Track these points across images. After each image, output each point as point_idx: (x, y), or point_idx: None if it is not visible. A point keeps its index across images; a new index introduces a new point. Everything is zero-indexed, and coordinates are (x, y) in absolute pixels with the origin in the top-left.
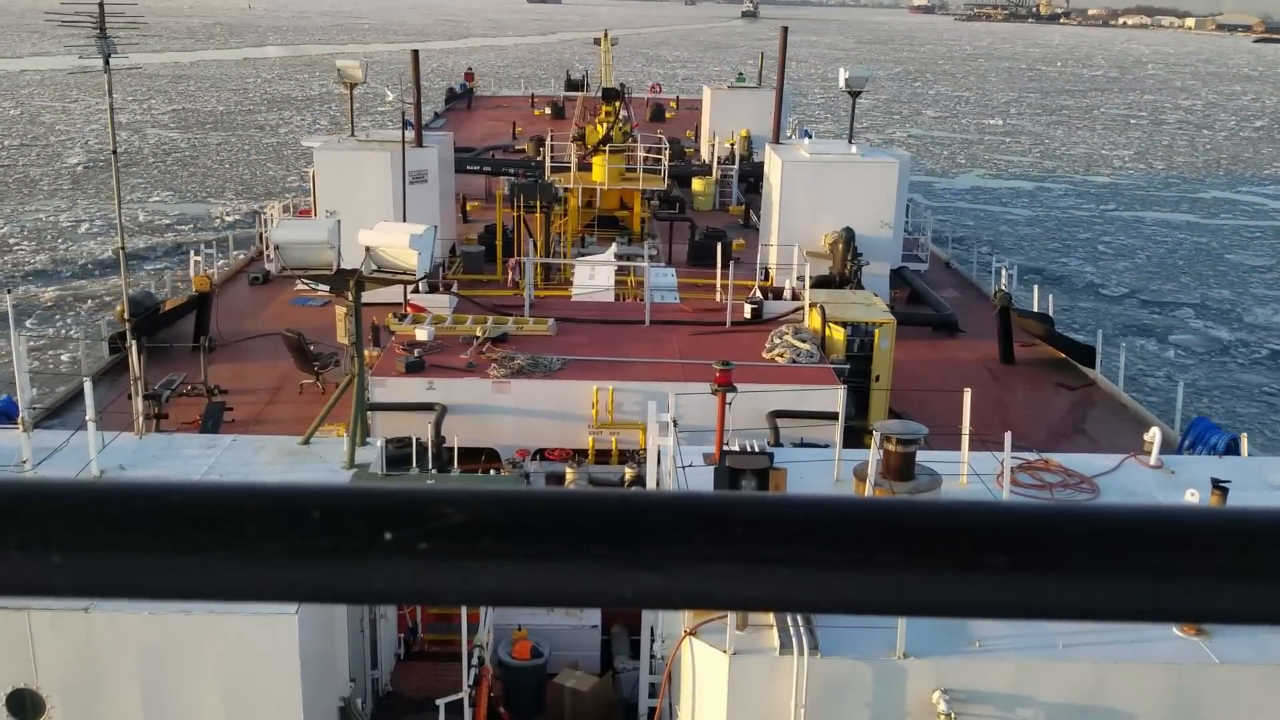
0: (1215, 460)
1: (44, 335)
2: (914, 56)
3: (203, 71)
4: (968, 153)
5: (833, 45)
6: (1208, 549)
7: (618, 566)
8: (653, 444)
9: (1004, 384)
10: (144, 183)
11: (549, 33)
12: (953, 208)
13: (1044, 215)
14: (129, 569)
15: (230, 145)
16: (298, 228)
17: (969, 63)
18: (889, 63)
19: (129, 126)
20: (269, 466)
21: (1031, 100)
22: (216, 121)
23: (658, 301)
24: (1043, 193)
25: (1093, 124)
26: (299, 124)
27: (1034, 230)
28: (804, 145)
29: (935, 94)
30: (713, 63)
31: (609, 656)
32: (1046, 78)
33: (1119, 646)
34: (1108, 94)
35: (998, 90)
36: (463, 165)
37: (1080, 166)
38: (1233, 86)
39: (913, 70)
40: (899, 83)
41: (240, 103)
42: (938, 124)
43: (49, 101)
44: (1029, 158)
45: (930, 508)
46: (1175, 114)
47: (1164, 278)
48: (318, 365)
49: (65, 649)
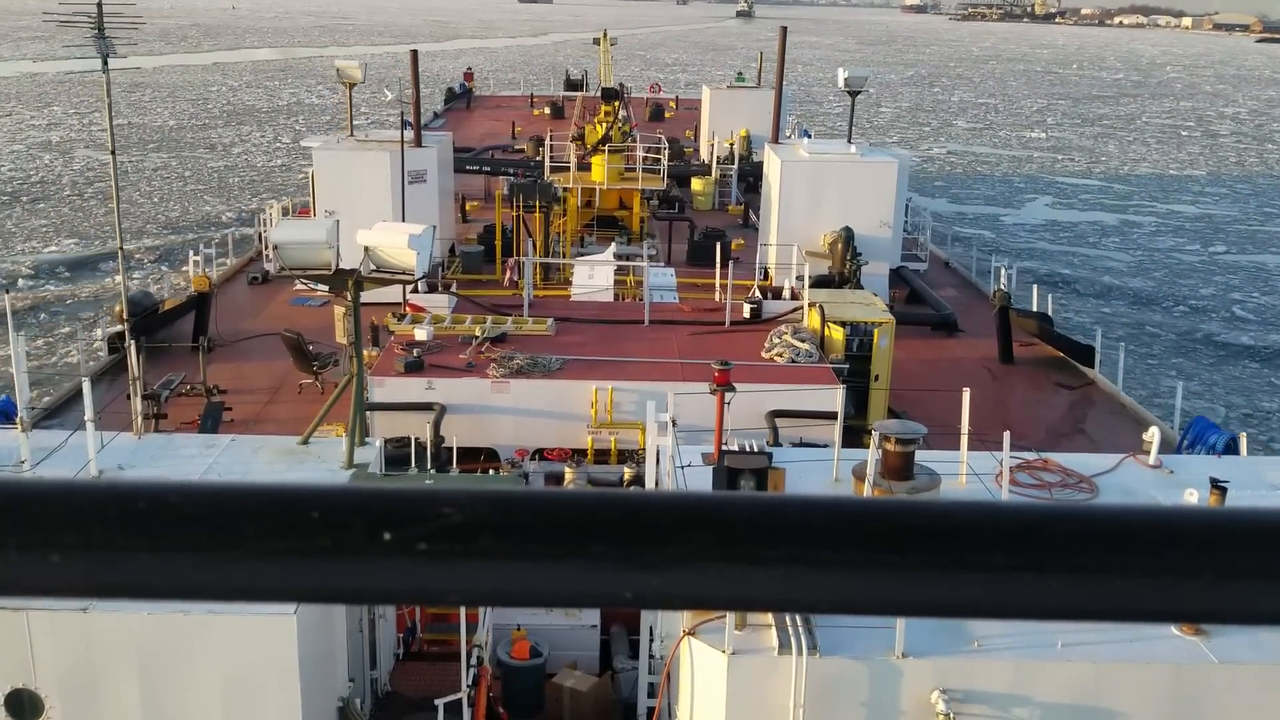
0: (1214, 460)
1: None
2: (923, 59)
3: (165, 79)
4: (1022, 172)
5: (835, 47)
6: (1206, 549)
7: (616, 567)
8: (651, 444)
9: (1003, 384)
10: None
11: (541, 34)
12: (1029, 249)
13: (1148, 263)
14: (128, 569)
15: (169, 170)
16: (296, 228)
17: (980, 65)
18: (898, 65)
19: (119, 127)
20: (268, 466)
21: (1064, 108)
22: (165, 141)
23: (657, 301)
24: (1140, 232)
25: (1142, 136)
26: (258, 142)
27: (1140, 284)
28: (803, 145)
29: (959, 101)
30: (713, 66)
31: (608, 656)
32: (1068, 82)
33: (1118, 646)
34: (1139, 99)
35: (1024, 97)
36: (462, 165)
37: (1155, 192)
38: (1266, 91)
39: (925, 74)
40: (916, 88)
41: (198, 115)
42: (974, 137)
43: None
44: (1095, 180)
45: (929, 508)
46: (1224, 124)
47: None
48: (317, 365)
49: (64, 649)
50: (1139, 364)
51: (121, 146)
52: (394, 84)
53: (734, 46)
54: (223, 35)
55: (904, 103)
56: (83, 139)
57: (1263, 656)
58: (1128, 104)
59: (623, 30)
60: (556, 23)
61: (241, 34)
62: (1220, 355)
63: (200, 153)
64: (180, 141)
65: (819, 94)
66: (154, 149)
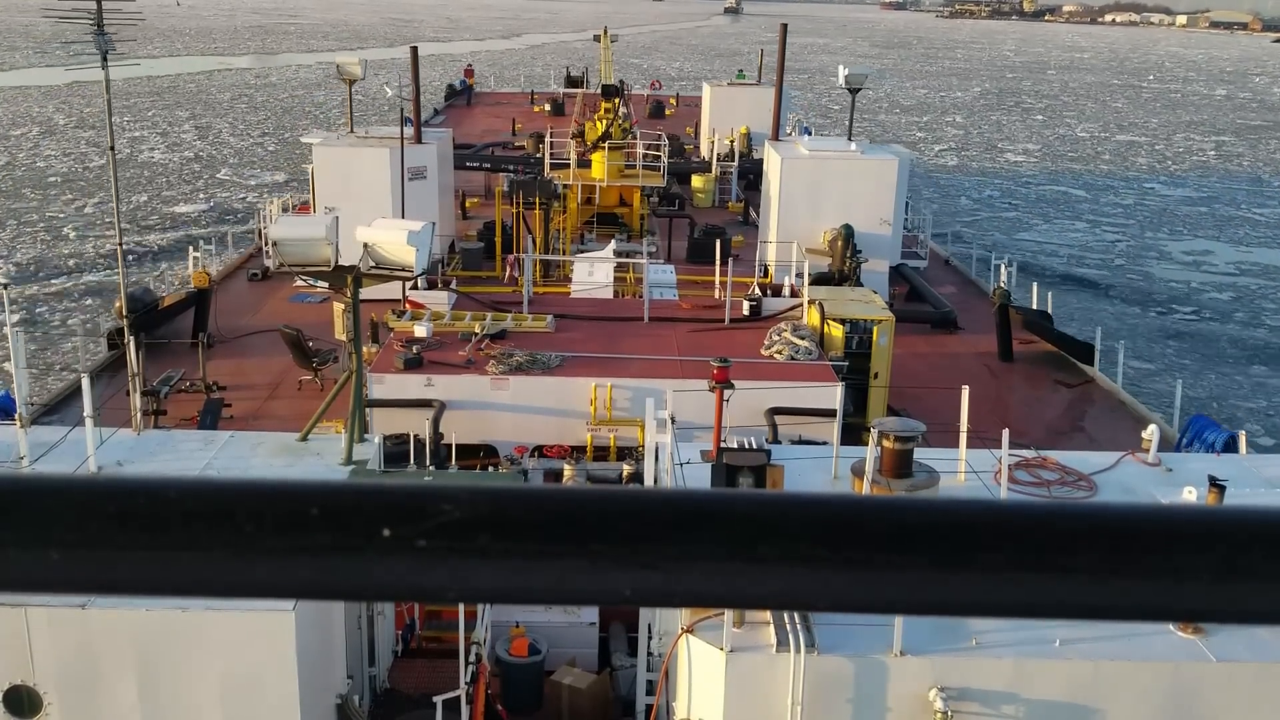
0: (1213, 458)
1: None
2: (959, 68)
3: None
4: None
5: (849, 50)
6: (1205, 548)
7: (616, 564)
8: (651, 441)
9: (1002, 381)
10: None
11: (514, 35)
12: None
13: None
14: (126, 565)
15: None
16: (296, 224)
17: (1023, 72)
18: (931, 75)
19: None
20: (267, 463)
21: (1181, 130)
22: None
23: (656, 298)
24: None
25: (1165, 141)
26: None
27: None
28: (803, 142)
29: (1034, 126)
30: (713, 74)
31: (606, 654)
32: (1151, 93)
33: (1116, 645)
34: (1241, 112)
35: (1130, 111)
36: (462, 162)
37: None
38: None
39: (958, 81)
40: (972, 114)
41: None
42: (1007, 140)
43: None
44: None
45: (928, 505)
46: (1237, 130)
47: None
48: (316, 362)
49: (62, 645)
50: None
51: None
52: (393, 82)
53: (739, 51)
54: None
55: (970, 120)
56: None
57: (1261, 655)
58: (1244, 128)
59: (607, 30)
60: (531, 22)
61: (173, 36)
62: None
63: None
64: None
65: (833, 100)
66: (154, 146)
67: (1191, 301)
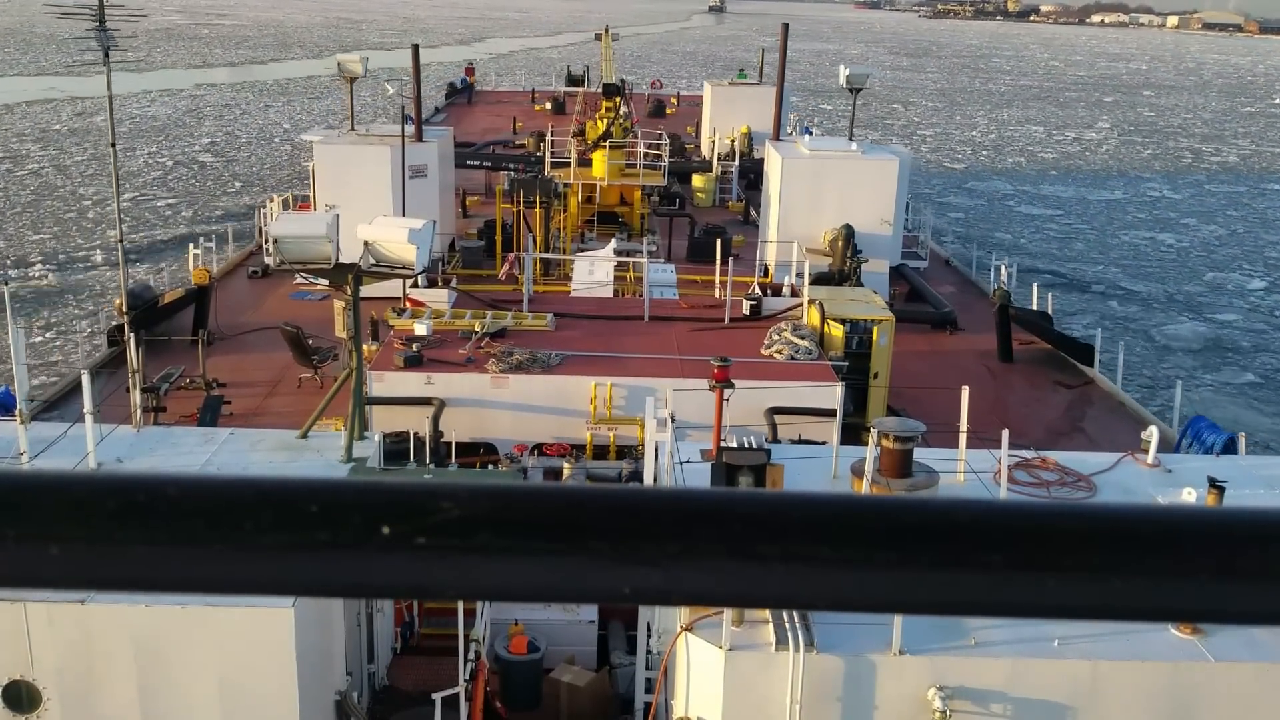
0: (1212, 459)
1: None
2: (1012, 84)
3: None
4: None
5: (863, 57)
6: (1204, 548)
7: (615, 562)
8: (650, 440)
9: (1002, 382)
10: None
11: (475, 39)
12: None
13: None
14: (126, 561)
15: None
16: (296, 222)
17: (1089, 89)
18: (981, 95)
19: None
20: (267, 460)
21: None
22: None
23: (656, 297)
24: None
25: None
26: None
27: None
28: (804, 142)
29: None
30: None
31: (605, 651)
32: (1218, 112)
33: (1114, 644)
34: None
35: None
36: (463, 160)
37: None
38: None
39: (996, 90)
40: (1054, 147)
41: None
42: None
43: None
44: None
45: (927, 505)
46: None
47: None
48: (316, 359)
49: (61, 641)
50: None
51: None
52: (393, 80)
53: (742, 58)
54: None
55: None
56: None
57: (1259, 656)
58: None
59: (583, 32)
60: (499, 20)
61: None
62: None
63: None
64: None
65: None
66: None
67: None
